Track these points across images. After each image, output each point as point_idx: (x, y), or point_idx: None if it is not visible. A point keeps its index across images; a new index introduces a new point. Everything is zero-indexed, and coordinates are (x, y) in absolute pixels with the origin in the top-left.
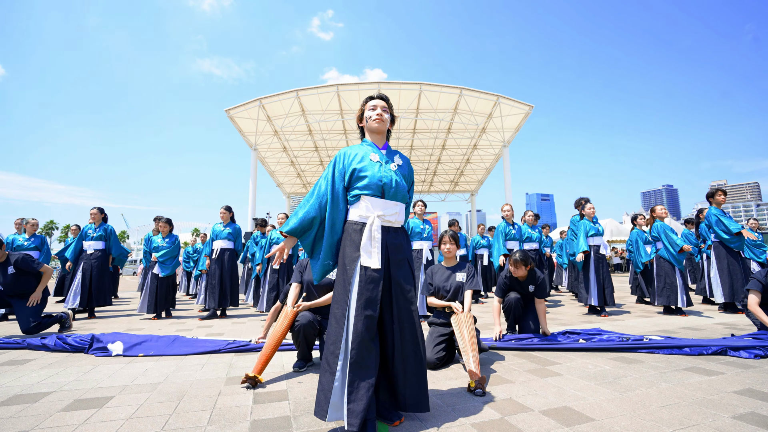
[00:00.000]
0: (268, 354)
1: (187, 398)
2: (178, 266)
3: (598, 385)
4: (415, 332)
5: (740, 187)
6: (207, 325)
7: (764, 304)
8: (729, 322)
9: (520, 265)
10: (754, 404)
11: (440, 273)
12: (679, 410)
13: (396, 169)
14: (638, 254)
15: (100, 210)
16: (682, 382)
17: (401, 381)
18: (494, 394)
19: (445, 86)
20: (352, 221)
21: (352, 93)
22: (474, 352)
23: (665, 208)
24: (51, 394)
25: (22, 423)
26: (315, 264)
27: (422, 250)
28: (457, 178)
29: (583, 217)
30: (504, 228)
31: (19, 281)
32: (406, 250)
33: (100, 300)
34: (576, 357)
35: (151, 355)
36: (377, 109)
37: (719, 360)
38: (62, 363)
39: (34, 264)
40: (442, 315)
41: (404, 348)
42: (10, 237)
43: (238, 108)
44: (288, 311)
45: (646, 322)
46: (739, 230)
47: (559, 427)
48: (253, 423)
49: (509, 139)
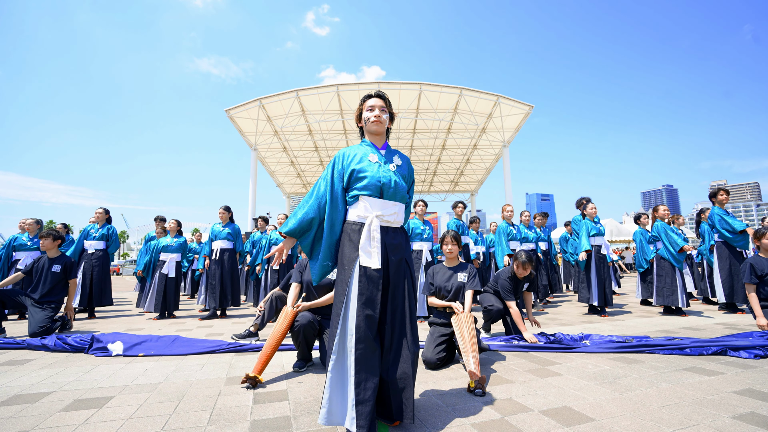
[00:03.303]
0: (268, 354)
1: (187, 398)
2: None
3: (598, 385)
4: (408, 334)
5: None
6: (207, 325)
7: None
8: (729, 322)
9: (527, 266)
10: (754, 404)
11: (441, 273)
12: (679, 410)
13: (395, 169)
14: (641, 253)
15: (105, 211)
16: (682, 382)
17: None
18: (494, 394)
19: (445, 86)
20: (351, 221)
21: (352, 93)
22: (474, 352)
23: (668, 209)
24: (51, 394)
25: (22, 423)
26: (314, 265)
27: (422, 251)
28: (457, 178)
29: (584, 216)
30: (505, 228)
31: (53, 282)
32: (405, 250)
33: (101, 300)
34: (576, 357)
35: (151, 355)
36: (375, 110)
37: (719, 360)
38: (62, 363)
39: (74, 273)
40: (443, 315)
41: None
42: (13, 236)
43: (238, 108)
44: (288, 311)
45: (647, 322)
46: (744, 228)
47: (559, 427)
48: (253, 423)
49: (509, 139)
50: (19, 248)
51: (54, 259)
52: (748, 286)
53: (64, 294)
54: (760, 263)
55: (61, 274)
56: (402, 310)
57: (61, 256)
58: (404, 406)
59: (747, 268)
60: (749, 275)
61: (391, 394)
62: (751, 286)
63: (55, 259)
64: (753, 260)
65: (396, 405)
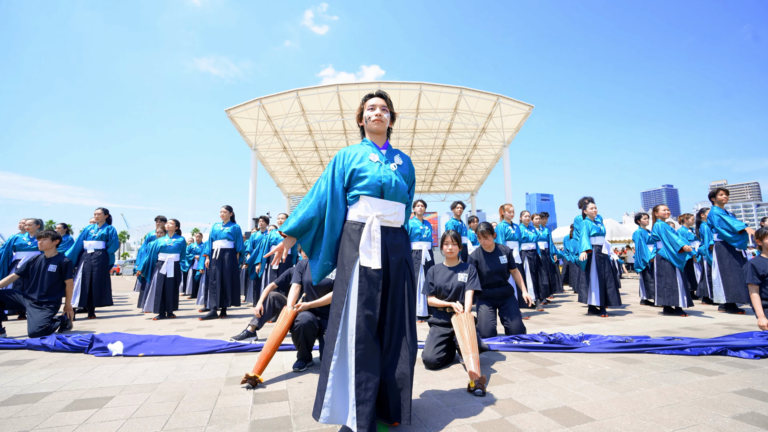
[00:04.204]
0: (268, 354)
1: (187, 398)
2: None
3: (598, 385)
4: (407, 334)
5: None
6: (207, 325)
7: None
8: (729, 322)
9: (487, 235)
10: (754, 404)
11: (442, 273)
12: (679, 410)
13: (396, 168)
14: (639, 253)
15: (104, 211)
16: (682, 382)
17: (389, 388)
18: (494, 394)
19: (445, 86)
20: (351, 221)
21: (352, 93)
22: (474, 352)
23: (668, 209)
24: (51, 394)
25: (22, 423)
26: (314, 264)
27: (421, 251)
28: (457, 178)
29: (585, 216)
30: (503, 228)
31: (51, 282)
32: (405, 250)
33: (101, 300)
34: (576, 357)
35: (151, 355)
36: (376, 109)
37: (719, 360)
38: (62, 363)
39: (70, 273)
40: (443, 315)
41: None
42: (13, 237)
43: (238, 108)
44: (288, 311)
45: (647, 322)
46: (743, 228)
47: (559, 427)
48: (253, 423)
49: (509, 139)
50: (20, 248)
51: (50, 259)
52: (750, 287)
53: (62, 294)
54: (761, 264)
55: (58, 274)
56: (401, 311)
57: (58, 256)
58: (402, 407)
59: (749, 269)
60: (751, 276)
61: (390, 394)
62: (754, 287)
63: (51, 259)
64: (755, 261)
65: (394, 405)
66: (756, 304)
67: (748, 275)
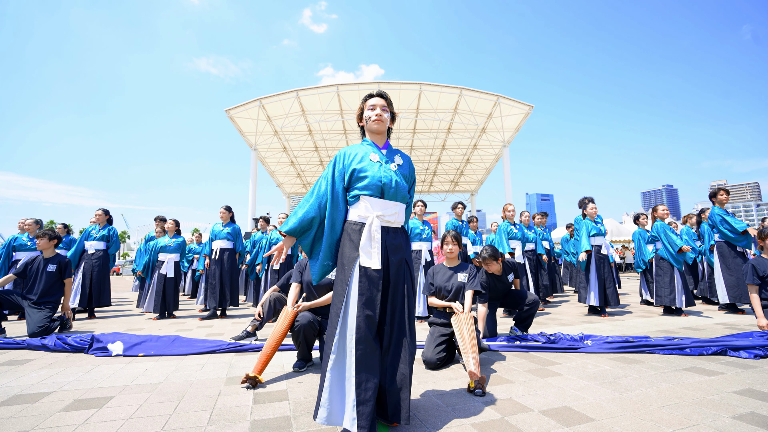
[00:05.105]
0: (268, 354)
1: (187, 398)
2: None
3: (598, 385)
4: (407, 335)
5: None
6: (207, 325)
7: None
8: (729, 322)
9: (490, 262)
10: (754, 404)
11: (442, 273)
12: (679, 410)
13: (396, 168)
14: (639, 253)
15: (105, 212)
16: (682, 382)
17: (388, 388)
18: (494, 394)
19: (445, 86)
20: (351, 221)
21: (352, 93)
22: (474, 352)
23: (667, 209)
24: (51, 394)
25: (22, 423)
26: (314, 264)
27: (421, 251)
28: (457, 178)
29: (585, 216)
30: (506, 227)
31: (49, 282)
32: (405, 250)
33: (100, 300)
34: (576, 357)
35: (151, 355)
36: (376, 109)
37: (719, 360)
38: (62, 363)
39: (69, 272)
40: (443, 315)
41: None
42: (13, 237)
43: (238, 108)
44: (288, 311)
45: (647, 322)
46: (745, 228)
47: (559, 427)
48: (253, 423)
49: (509, 139)
50: (19, 248)
51: (49, 259)
52: (750, 287)
53: (60, 294)
54: (762, 264)
55: (57, 273)
56: (401, 311)
57: (56, 255)
58: (401, 408)
59: (749, 269)
60: (751, 276)
61: (389, 394)
62: (754, 287)
63: (50, 259)
64: (755, 261)
65: (393, 406)
66: (755, 305)
67: (749, 275)
